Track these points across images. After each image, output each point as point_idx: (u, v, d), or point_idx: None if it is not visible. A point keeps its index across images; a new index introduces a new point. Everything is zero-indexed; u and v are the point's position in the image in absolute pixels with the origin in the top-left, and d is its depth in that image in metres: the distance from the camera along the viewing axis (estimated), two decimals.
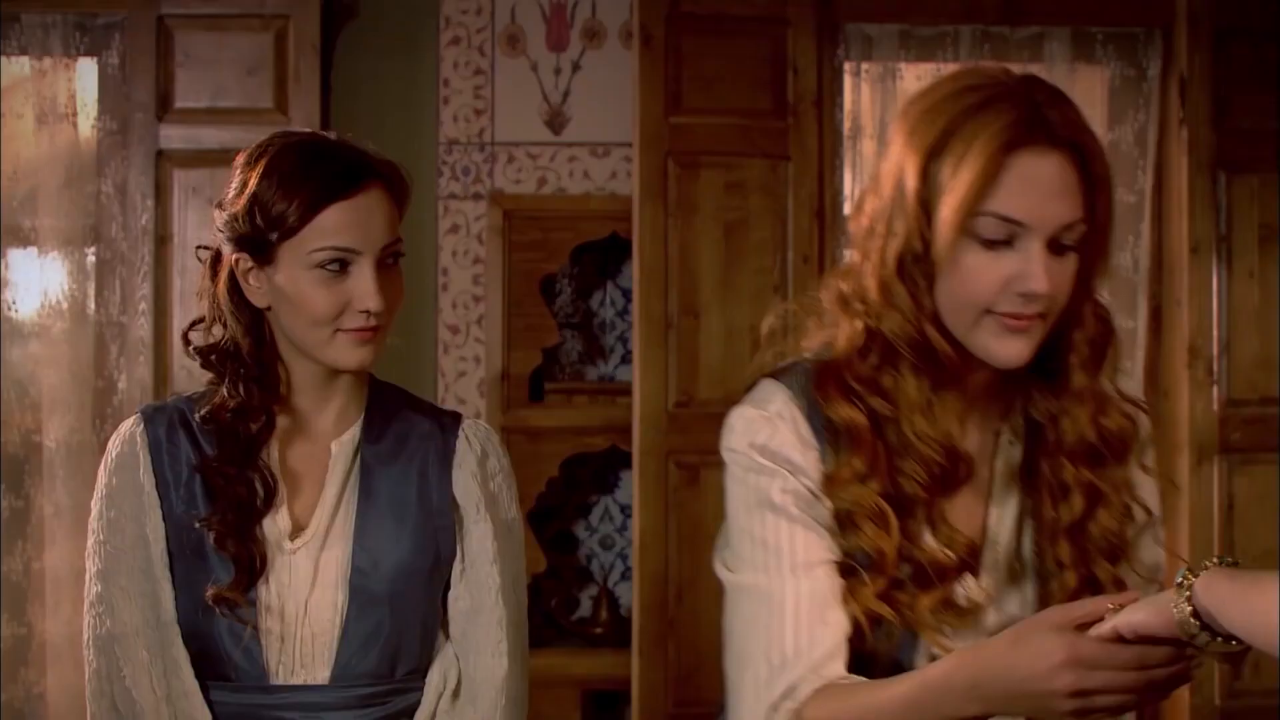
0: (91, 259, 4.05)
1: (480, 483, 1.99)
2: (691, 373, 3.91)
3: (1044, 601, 1.65)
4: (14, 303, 4.08)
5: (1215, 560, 1.41)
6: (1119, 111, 4.18)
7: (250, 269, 1.90)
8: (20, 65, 4.03)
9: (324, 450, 1.97)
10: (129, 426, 1.96)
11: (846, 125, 4.09)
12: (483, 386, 4.23)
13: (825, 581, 1.63)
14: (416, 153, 4.17)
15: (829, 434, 1.66)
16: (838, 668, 1.61)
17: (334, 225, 1.85)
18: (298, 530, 1.93)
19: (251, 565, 1.88)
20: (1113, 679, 1.41)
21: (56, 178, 4.03)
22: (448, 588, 1.99)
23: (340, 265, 1.86)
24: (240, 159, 1.92)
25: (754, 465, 1.67)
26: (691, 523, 3.87)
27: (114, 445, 1.96)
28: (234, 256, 1.90)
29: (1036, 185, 1.55)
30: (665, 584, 3.87)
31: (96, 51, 4.04)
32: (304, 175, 1.86)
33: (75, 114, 4.04)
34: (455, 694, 1.97)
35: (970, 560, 1.63)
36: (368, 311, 1.87)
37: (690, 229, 3.92)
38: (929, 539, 1.62)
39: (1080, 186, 1.57)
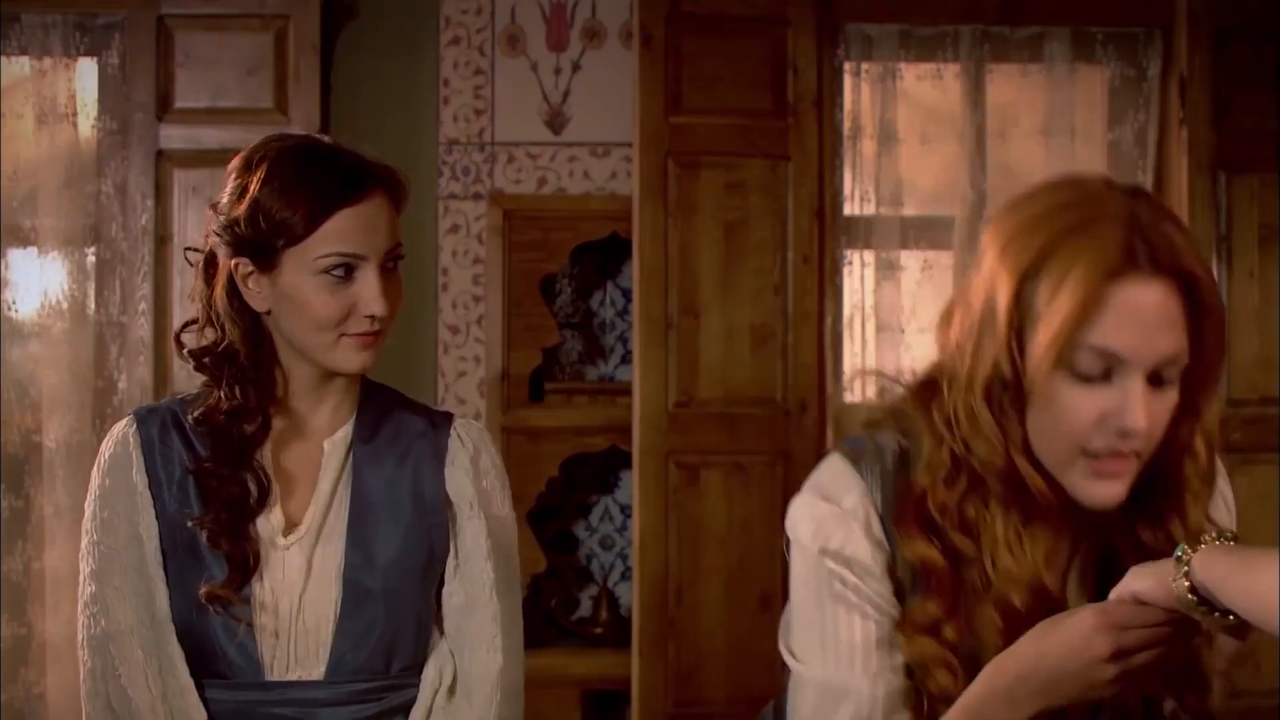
0: (91, 259, 4.05)
1: (473, 479, 2.00)
2: (691, 373, 3.91)
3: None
4: (14, 303, 4.08)
5: (1214, 535, 1.41)
6: (1119, 111, 4.18)
7: (250, 273, 1.90)
8: (20, 65, 4.03)
9: (317, 449, 1.98)
10: (122, 428, 1.97)
11: (846, 125, 4.09)
12: (483, 386, 4.23)
13: (895, 684, 1.59)
14: (416, 153, 4.17)
15: (899, 504, 1.59)
16: None
17: (340, 231, 1.86)
18: (291, 527, 1.94)
19: (245, 563, 1.89)
20: (1148, 635, 1.40)
21: (56, 178, 4.03)
22: (442, 584, 2.00)
23: (345, 271, 1.87)
24: (236, 163, 1.93)
25: (823, 574, 1.60)
26: (691, 523, 3.87)
27: (107, 446, 1.97)
28: (234, 261, 1.90)
29: (1138, 317, 1.46)
30: (665, 584, 3.87)
31: (96, 51, 4.04)
32: (309, 181, 1.86)
33: (75, 114, 4.04)
34: (451, 690, 1.98)
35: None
36: (372, 316, 1.88)
37: (690, 229, 3.92)
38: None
39: (1185, 316, 1.48)
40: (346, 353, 1.90)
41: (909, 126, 4.15)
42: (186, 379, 3.85)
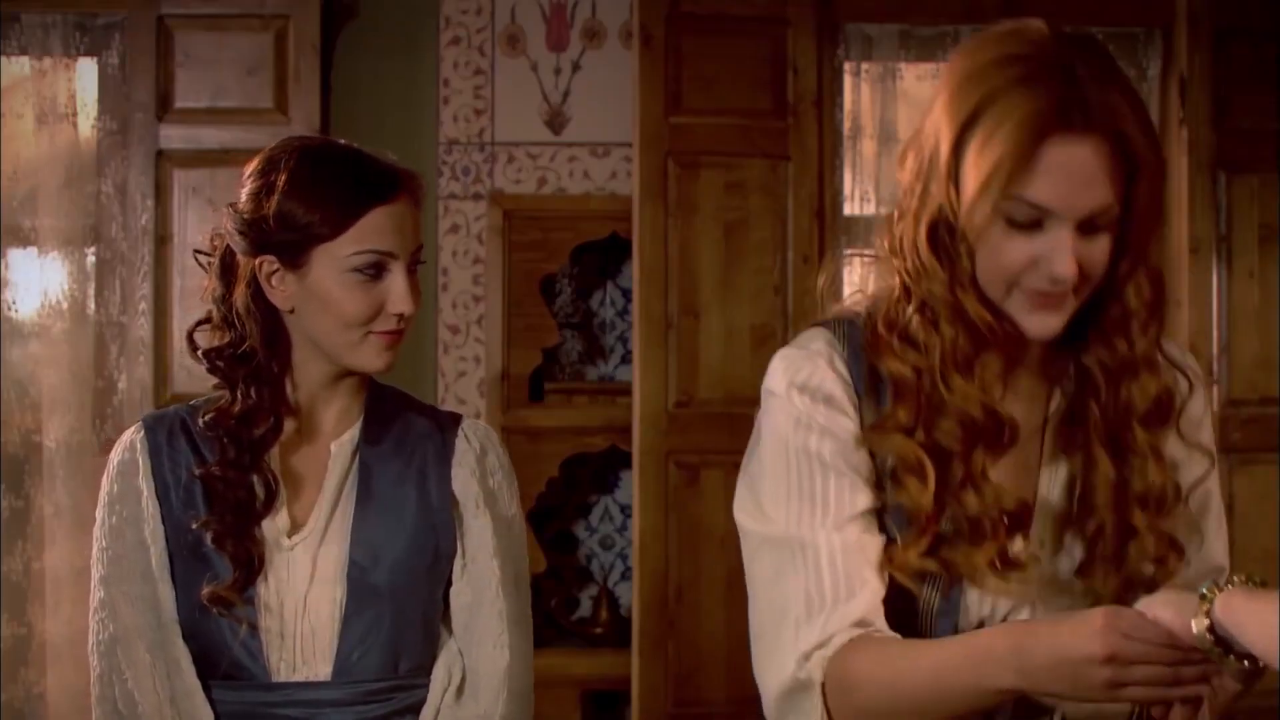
0: (91, 259, 4.06)
1: (479, 479, 2.00)
2: (691, 373, 3.91)
3: (1092, 561, 1.63)
4: (14, 303, 4.08)
5: (1242, 577, 1.41)
6: None
7: (276, 271, 1.91)
8: (20, 65, 4.04)
9: (324, 450, 1.98)
10: (130, 434, 1.98)
11: (846, 125, 4.09)
12: (483, 386, 4.23)
13: (863, 538, 1.60)
14: (416, 153, 4.17)
15: (869, 383, 1.64)
16: (876, 623, 1.59)
17: (374, 229, 1.88)
18: (296, 528, 1.94)
19: (249, 564, 1.89)
20: (1148, 652, 1.40)
21: (56, 178, 4.03)
22: (450, 584, 2.00)
23: (376, 269, 1.89)
24: (256, 164, 1.93)
25: (793, 411, 1.63)
26: (691, 523, 3.87)
27: (116, 453, 1.98)
28: (258, 259, 1.91)
29: (1067, 173, 1.51)
30: (665, 584, 3.87)
31: (96, 51, 4.04)
32: (341, 180, 1.88)
33: (75, 114, 4.04)
34: (460, 690, 1.98)
35: (1021, 516, 1.61)
36: (400, 315, 1.90)
37: (690, 229, 3.92)
38: (972, 496, 1.58)
39: (1117, 169, 1.53)
40: (371, 352, 1.92)
41: (909, 126, 4.13)
42: (186, 379, 3.88)
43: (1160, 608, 1.43)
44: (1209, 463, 1.69)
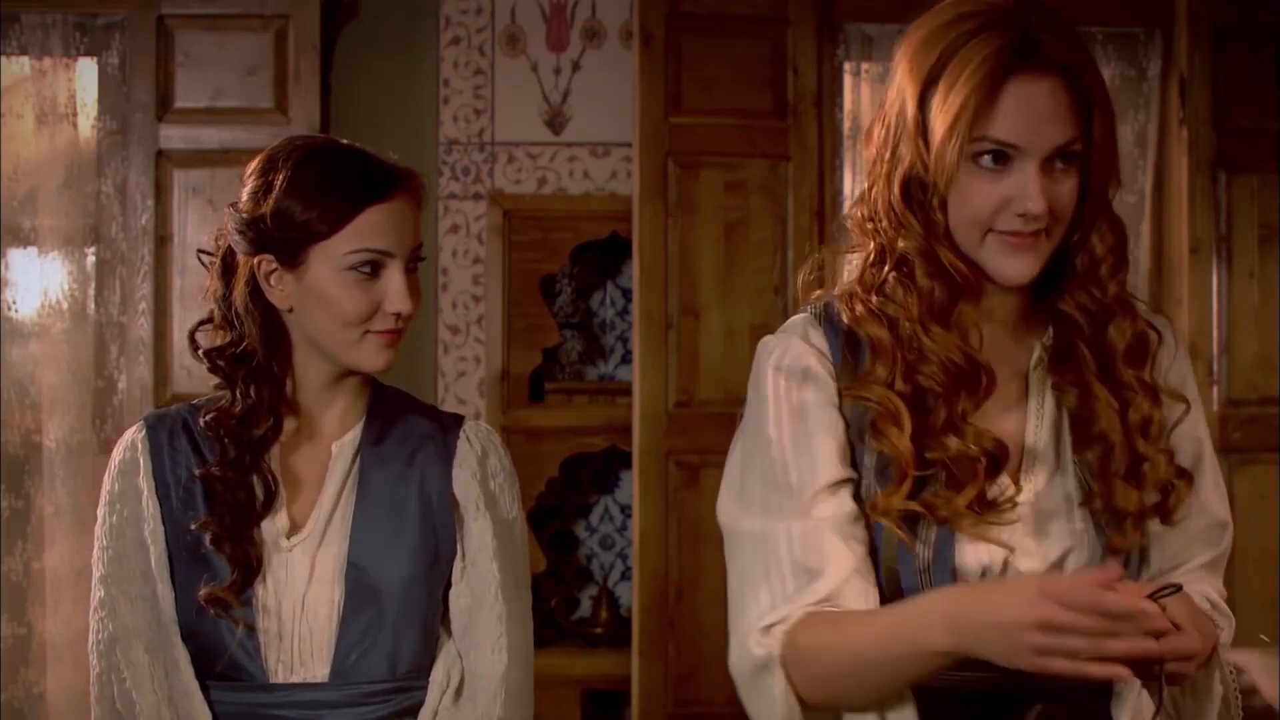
0: (91, 259, 4.06)
1: (480, 481, 2.00)
2: (691, 373, 3.91)
3: (1108, 484, 1.66)
4: (14, 303, 4.08)
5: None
6: (1119, 112, 4.17)
7: (274, 270, 1.91)
8: (20, 65, 4.04)
9: (325, 451, 1.98)
10: (132, 434, 1.98)
11: (846, 125, 4.09)
12: (483, 386, 4.23)
13: (833, 512, 1.65)
14: (416, 153, 4.17)
15: (846, 349, 1.70)
16: (838, 601, 1.63)
17: (370, 228, 1.88)
18: (295, 529, 1.94)
19: (247, 566, 1.90)
20: (1078, 620, 1.42)
21: (56, 178, 4.03)
22: (450, 586, 2.00)
23: (373, 268, 1.89)
24: (257, 163, 1.94)
25: (767, 397, 1.70)
26: (691, 523, 3.87)
27: (117, 452, 1.98)
28: (257, 259, 1.91)
29: (1028, 110, 1.60)
30: (665, 584, 3.87)
31: (96, 51, 4.04)
32: (341, 178, 1.88)
33: (75, 114, 4.05)
34: (458, 692, 1.98)
35: (1000, 457, 1.64)
36: (398, 314, 1.90)
37: (690, 229, 3.92)
38: (953, 439, 1.63)
39: (1075, 107, 1.61)
40: (370, 351, 1.91)
41: None
42: (186, 379, 3.88)
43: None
44: (1186, 406, 1.74)
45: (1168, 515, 1.67)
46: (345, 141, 1.98)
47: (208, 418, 1.94)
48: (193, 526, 1.91)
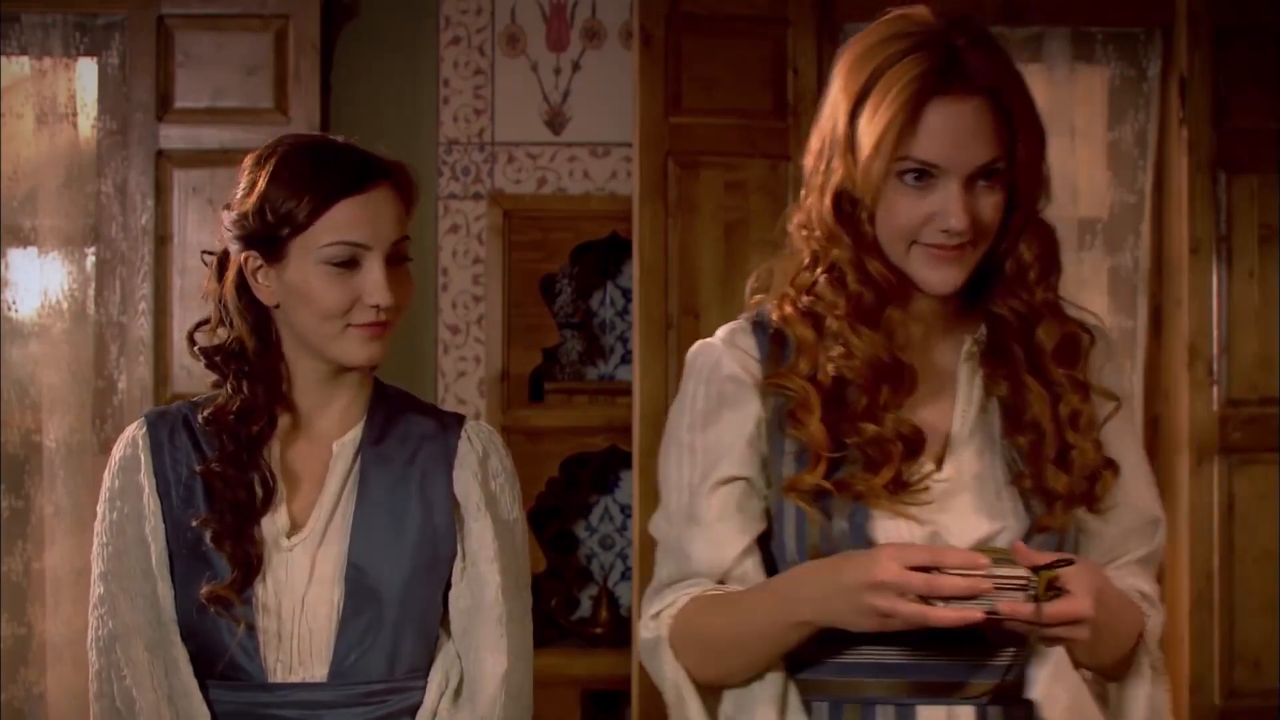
0: (91, 259, 4.06)
1: (480, 482, 1.99)
2: None
3: (1039, 466, 1.74)
4: (14, 303, 4.08)
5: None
6: (1119, 111, 4.18)
7: (260, 267, 1.92)
8: (20, 65, 4.04)
9: (326, 450, 1.98)
10: (133, 430, 1.99)
11: None
12: (483, 386, 4.23)
13: (725, 503, 1.77)
14: (416, 153, 4.17)
15: (773, 348, 1.80)
16: (729, 583, 1.77)
17: (344, 220, 1.88)
18: (295, 528, 1.94)
19: (247, 565, 1.90)
20: (910, 580, 1.56)
21: (56, 178, 4.03)
22: (449, 587, 1.99)
23: (350, 260, 1.89)
24: (248, 161, 1.95)
25: (684, 404, 1.82)
26: None
27: (118, 449, 1.99)
28: (243, 255, 1.92)
29: (949, 131, 1.66)
30: None
31: (96, 51, 4.04)
32: (315, 171, 1.89)
33: (75, 114, 4.05)
34: (457, 693, 1.98)
35: (915, 442, 1.72)
36: (377, 306, 1.89)
37: (690, 229, 3.92)
38: (870, 426, 1.72)
39: (999, 127, 1.67)
40: (352, 344, 1.91)
41: None
42: (186, 379, 3.88)
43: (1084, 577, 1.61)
44: (1116, 404, 1.82)
45: (1094, 502, 1.76)
46: (337, 137, 1.99)
47: (206, 414, 1.94)
48: (194, 524, 1.91)
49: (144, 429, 1.97)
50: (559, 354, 4.35)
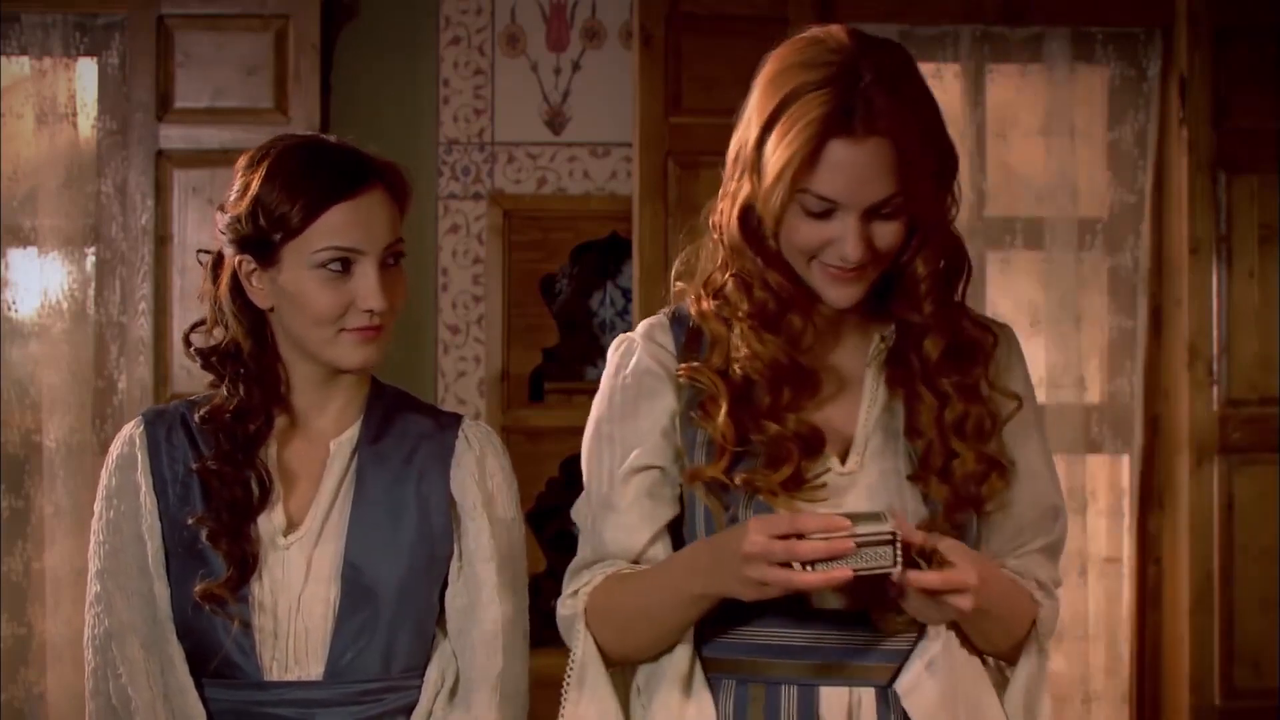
0: (91, 259, 4.06)
1: (478, 481, 1.99)
2: None
3: (926, 471, 1.81)
4: (14, 303, 4.08)
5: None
6: (1119, 111, 4.18)
7: (253, 270, 1.91)
8: (20, 65, 4.04)
9: (323, 449, 1.98)
10: (130, 429, 1.99)
11: None
12: (483, 386, 4.23)
13: (639, 491, 1.86)
14: (416, 153, 4.17)
15: (689, 342, 1.86)
16: (641, 563, 1.85)
17: (337, 225, 1.87)
18: (292, 527, 1.94)
19: (243, 563, 1.89)
20: (773, 547, 1.63)
21: (56, 178, 4.03)
22: (446, 586, 1.99)
23: (343, 265, 1.88)
24: (242, 162, 1.94)
25: (602, 399, 1.92)
26: None
27: (115, 447, 1.99)
28: (237, 258, 1.92)
29: (847, 170, 1.70)
30: None
31: (96, 51, 4.04)
32: (307, 176, 1.88)
33: (75, 114, 4.05)
34: (453, 692, 1.98)
35: (814, 442, 1.79)
36: (371, 311, 1.89)
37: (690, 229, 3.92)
38: (772, 425, 1.78)
39: (897, 163, 1.71)
40: (346, 348, 1.91)
41: None
42: (186, 379, 3.88)
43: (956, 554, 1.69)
44: (1016, 404, 1.87)
45: (980, 504, 1.82)
46: (325, 138, 1.98)
47: (203, 413, 1.94)
48: (190, 521, 1.91)
49: (141, 427, 1.97)
50: (559, 354, 4.35)
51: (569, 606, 1.87)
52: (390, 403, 2.03)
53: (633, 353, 1.90)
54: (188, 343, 1.98)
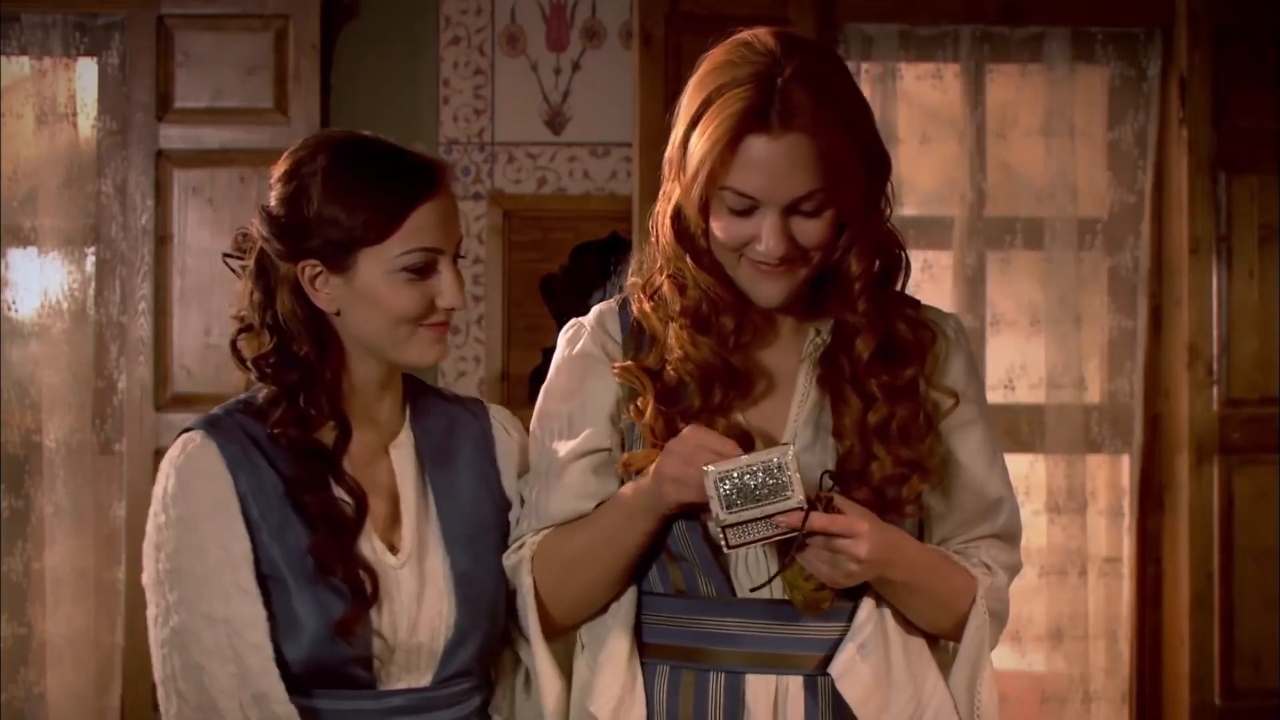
0: (91, 259, 4.06)
1: (520, 470, 2.02)
2: None
3: (845, 473, 1.85)
4: (14, 303, 4.09)
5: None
6: (1119, 111, 4.18)
7: (319, 274, 1.87)
8: (20, 65, 4.04)
9: (381, 453, 1.95)
10: (197, 446, 1.87)
11: None
12: (483, 386, 4.23)
13: (583, 472, 1.90)
14: None
15: (634, 334, 1.91)
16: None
17: (420, 227, 1.85)
18: (387, 542, 1.91)
19: (361, 589, 1.84)
20: (688, 472, 1.74)
21: (56, 178, 4.03)
22: None
23: (426, 266, 1.86)
24: (284, 166, 1.89)
25: (550, 384, 1.96)
26: None
27: (184, 466, 1.86)
28: (300, 264, 1.87)
29: (764, 167, 1.73)
30: None
31: (96, 51, 4.04)
32: (383, 179, 1.85)
33: (75, 114, 4.05)
34: (528, 681, 2.00)
35: (741, 443, 1.81)
36: (451, 308, 1.88)
37: None
38: (700, 421, 1.83)
39: (818, 159, 1.73)
40: (423, 345, 1.89)
41: (909, 126, 4.16)
42: (186, 379, 3.88)
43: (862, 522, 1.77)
44: (954, 401, 1.90)
45: (899, 507, 1.85)
46: (369, 134, 1.93)
47: (272, 430, 1.87)
48: (304, 549, 1.84)
49: (212, 444, 1.86)
50: None
51: (513, 557, 1.93)
52: (421, 396, 2.02)
53: (579, 338, 1.95)
54: (237, 354, 1.91)
